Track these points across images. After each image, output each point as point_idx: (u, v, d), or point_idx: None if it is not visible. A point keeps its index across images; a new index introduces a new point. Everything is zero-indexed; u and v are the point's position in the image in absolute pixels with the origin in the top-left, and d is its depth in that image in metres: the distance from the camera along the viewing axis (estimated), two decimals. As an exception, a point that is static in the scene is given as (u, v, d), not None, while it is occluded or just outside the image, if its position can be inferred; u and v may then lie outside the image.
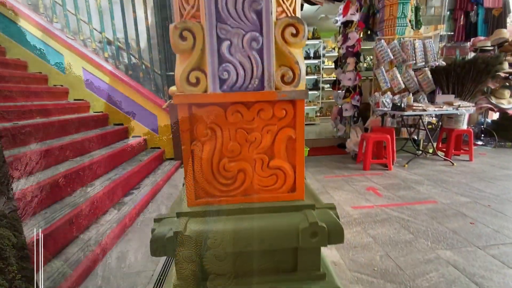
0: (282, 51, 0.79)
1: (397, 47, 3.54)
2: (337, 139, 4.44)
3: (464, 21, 4.30)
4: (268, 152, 0.86)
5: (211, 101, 0.80)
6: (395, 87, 3.63)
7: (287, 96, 0.81)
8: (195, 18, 0.79)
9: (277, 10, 0.80)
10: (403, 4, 3.51)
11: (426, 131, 3.53)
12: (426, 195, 2.54)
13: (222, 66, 0.77)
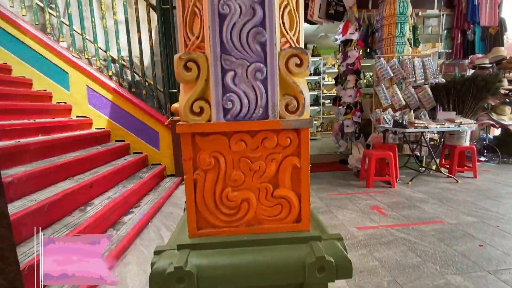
0: (286, 80, 0.79)
1: (396, 65, 3.60)
2: (339, 155, 4.42)
3: (461, 39, 4.39)
4: (273, 181, 0.84)
5: (214, 130, 0.79)
6: (396, 103, 3.65)
7: (291, 125, 0.80)
8: (200, 49, 0.80)
9: (281, 41, 0.81)
10: (401, 24, 3.59)
11: (428, 148, 3.51)
12: (432, 214, 2.48)
13: (226, 96, 0.77)
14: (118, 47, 3.51)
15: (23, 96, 2.99)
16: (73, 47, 3.44)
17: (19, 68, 3.28)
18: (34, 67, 3.30)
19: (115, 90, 3.39)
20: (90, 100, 3.41)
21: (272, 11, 0.76)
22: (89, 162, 2.63)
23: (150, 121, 3.48)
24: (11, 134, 2.35)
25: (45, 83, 3.33)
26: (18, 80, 3.20)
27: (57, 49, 3.30)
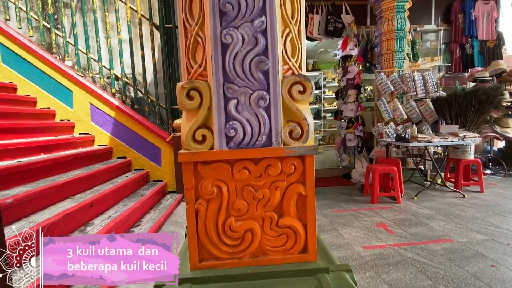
0: (289, 107, 0.78)
1: (397, 79, 3.62)
2: (342, 169, 4.37)
3: (460, 53, 4.44)
4: (277, 209, 0.81)
5: (217, 158, 0.77)
6: (398, 117, 3.64)
7: (295, 152, 0.78)
8: (202, 77, 0.80)
9: (284, 68, 0.80)
10: (399, 39, 3.65)
11: (432, 162, 3.47)
12: (440, 232, 2.41)
13: (229, 124, 0.76)
14: (122, 65, 3.57)
15: (27, 114, 3.02)
16: (78, 66, 3.50)
17: (25, 86, 3.33)
18: (39, 85, 3.35)
19: (118, 107, 3.42)
20: (93, 117, 3.43)
21: (275, 40, 0.76)
22: (90, 180, 2.61)
23: (152, 138, 3.49)
24: (14, 153, 2.35)
25: (49, 101, 3.36)
26: (23, 98, 3.24)
27: (62, 68, 3.36)
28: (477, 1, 4.29)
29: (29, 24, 3.46)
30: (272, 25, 0.75)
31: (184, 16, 0.81)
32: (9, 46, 3.29)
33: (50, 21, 3.53)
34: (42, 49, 3.41)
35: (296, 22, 0.82)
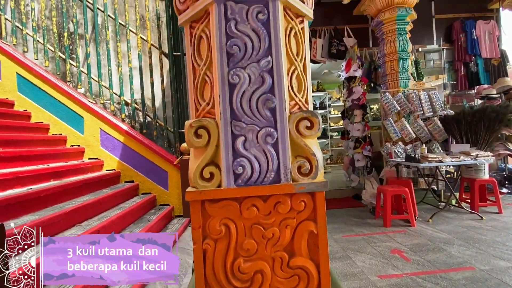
0: (297, 143, 0.78)
1: (402, 99, 3.62)
2: (352, 190, 4.27)
3: (464, 71, 4.44)
4: (288, 249, 0.78)
5: (225, 196, 0.76)
6: (406, 137, 3.60)
7: (305, 188, 0.76)
8: (210, 114, 0.81)
9: (290, 104, 0.81)
10: (403, 60, 3.69)
11: (445, 182, 3.36)
12: (460, 259, 2.28)
13: (236, 161, 0.76)
14: (132, 91, 3.69)
15: (39, 141, 3.10)
16: (90, 93, 3.64)
17: (38, 114, 3.45)
18: (52, 112, 3.47)
19: (127, 132, 3.49)
20: (102, 143, 3.50)
21: (281, 78, 0.77)
22: (97, 206, 2.60)
23: (159, 161, 3.51)
24: (25, 180, 2.38)
25: (61, 127, 3.46)
26: (36, 125, 3.35)
27: (75, 95, 3.49)
28: (478, 21, 4.36)
29: (45, 55, 3.66)
30: (278, 64, 0.77)
31: (193, 56, 0.84)
32: (25, 76, 3.46)
33: (65, 52, 3.73)
34: (57, 78, 3.57)
35: (302, 59, 0.84)
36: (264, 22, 0.76)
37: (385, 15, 3.68)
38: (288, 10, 0.81)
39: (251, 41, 0.75)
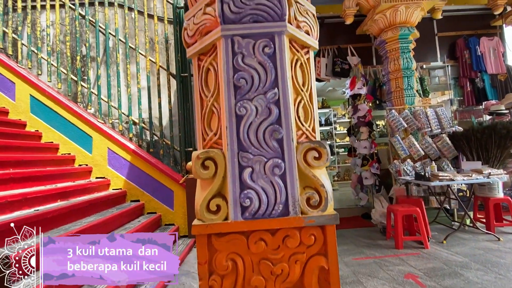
0: (305, 174, 0.76)
1: (409, 115, 3.59)
2: (360, 209, 4.16)
3: (471, 87, 4.42)
4: (298, 286, 0.75)
5: (232, 229, 0.74)
6: (414, 154, 3.53)
7: (315, 221, 0.74)
8: (217, 145, 0.81)
9: (297, 134, 0.81)
10: (407, 78, 3.70)
11: (458, 201, 3.25)
12: (478, 285, 2.15)
13: (244, 193, 0.74)
14: (140, 111, 3.76)
15: (49, 161, 3.15)
16: (99, 113, 3.73)
17: (49, 134, 3.53)
18: (62, 132, 3.54)
19: (134, 151, 3.53)
20: (109, 162, 3.53)
21: (288, 109, 0.77)
22: (103, 227, 2.58)
23: (165, 180, 3.51)
24: (32, 202, 2.40)
25: (70, 147, 3.53)
26: (46, 145, 3.42)
27: (85, 116, 3.57)
28: (481, 38, 4.39)
29: (58, 77, 3.80)
30: (285, 96, 0.77)
31: (200, 87, 0.85)
32: (38, 98, 3.58)
33: (77, 74, 3.87)
34: (68, 99, 3.68)
35: (308, 88, 0.84)
36: (271, 55, 0.77)
37: (387, 34, 3.74)
38: (294, 42, 0.82)
39: (258, 74, 0.76)
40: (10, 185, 2.54)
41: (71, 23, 4.08)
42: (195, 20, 0.81)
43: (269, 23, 0.76)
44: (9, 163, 2.75)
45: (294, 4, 0.79)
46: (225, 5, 0.74)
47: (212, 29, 0.78)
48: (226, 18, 0.75)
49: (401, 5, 3.53)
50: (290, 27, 0.77)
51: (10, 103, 3.60)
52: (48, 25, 3.90)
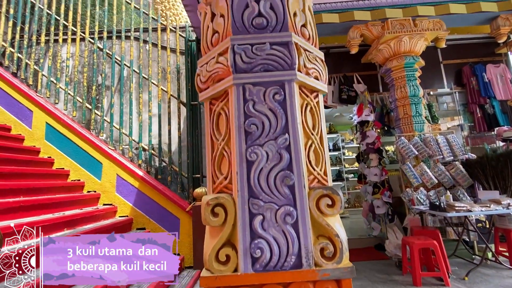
0: (318, 222, 0.74)
1: (419, 143, 3.53)
2: (373, 239, 3.98)
3: (481, 113, 4.36)
4: None
5: (242, 283, 0.71)
6: (427, 182, 3.42)
7: (330, 275, 0.70)
8: (227, 189, 0.80)
9: (309, 178, 0.79)
10: (415, 105, 3.70)
11: (477, 233, 3.07)
12: (509, 332, 1.95)
13: (254, 243, 0.72)
14: (150, 138, 3.84)
15: (59, 188, 3.18)
16: (111, 139, 3.81)
17: (61, 160, 3.61)
18: (73, 159, 3.62)
19: (142, 177, 3.54)
20: (118, 188, 3.54)
21: (299, 154, 0.77)
22: (107, 259, 2.52)
23: (172, 208, 3.47)
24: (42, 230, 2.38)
25: (80, 173, 3.57)
26: (57, 172, 3.48)
27: (96, 142, 3.66)
28: (487, 65, 4.42)
29: (74, 106, 3.96)
30: (295, 141, 0.77)
31: (211, 131, 0.86)
32: (53, 125, 3.71)
33: (92, 102, 4.03)
34: (81, 127, 3.80)
35: (318, 131, 0.84)
36: (281, 102, 0.78)
37: (393, 63, 3.81)
38: (303, 88, 0.84)
39: (269, 120, 0.77)
40: (19, 213, 2.55)
41: (90, 55, 4.33)
42: (208, 67, 0.84)
43: (279, 72, 0.78)
44: (20, 191, 2.79)
45: (303, 53, 0.81)
46: (237, 55, 0.77)
47: (224, 77, 0.81)
48: (238, 67, 0.77)
49: (405, 36, 3.63)
50: (300, 75, 0.79)
51: (27, 130, 3.73)
52: (68, 58, 4.15)
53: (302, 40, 0.83)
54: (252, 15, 0.80)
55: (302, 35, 0.85)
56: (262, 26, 0.80)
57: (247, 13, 0.80)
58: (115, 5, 4.19)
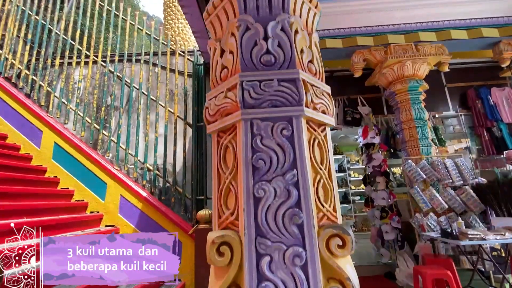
0: (328, 264, 0.70)
1: (427, 166, 3.47)
2: (383, 267, 3.80)
3: (488, 136, 4.31)
4: None
5: (248, 330, 0.67)
6: (437, 207, 3.32)
7: (341, 323, 0.66)
8: (234, 226, 0.78)
9: (318, 216, 0.77)
10: (421, 127, 3.68)
11: (493, 262, 2.92)
12: None
13: (261, 286, 0.69)
14: (155, 159, 3.85)
15: (62, 209, 3.17)
16: (116, 159, 3.84)
17: (66, 180, 3.62)
18: (78, 179, 3.63)
19: (146, 198, 3.52)
20: (121, 209, 3.51)
21: (307, 191, 0.75)
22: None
23: (175, 230, 3.40)
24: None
25: (84, 193, 3.57)
26: (62, 192, 3.48)
27: (102, 162, 3.68)
28: (492, 88, 4.43)
29: (82, 126, 4.04)
30: (304, 177, 0.76)
31: (218, 163, 0.86)
32: (61, 145, 3.77)
33: (100, 123, 4.11)
34: (88, 147, 3.85)
35: (326, 166, 0.83)
36: (289, 137, 0.78)
37: (396, 87, 3.85)
38: (311, 122, 0.84)
39: (276, 155, 0.77)
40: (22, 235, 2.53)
41: (101, 77, 4.49)
42: (217, 101, 0.86)
43: (287, 107, 0.78)
44: (24, 211, 2.78)
45: (311, 89, 0.82)
46: (245, 92, 0.78)
47: (232, 112, 0.82)
48: (246, 103, 0.78)
49: (408, 60, 3.69)
50: (307, 110, 0.80)
51: (35, 150, 3.80)
52: (80, 80, 4.30)
53: (309, 76, 0.84)
54: (260, 53, 0.82)
55: (309, 70, 0.87)
56: (270, 63, 0.81)
57: (256, 51, 0.83)
58: (128, 30, 4.40)
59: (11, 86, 4.13)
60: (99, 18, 4.62)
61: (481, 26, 3.66)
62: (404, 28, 3.71)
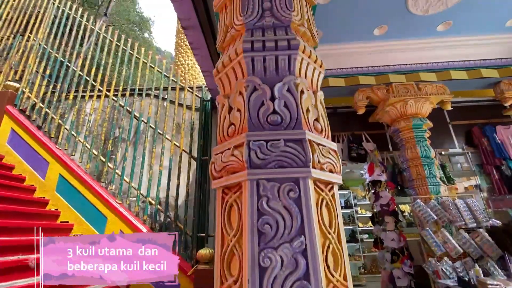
0: None
1: (437, 206, 3.35)
2: (396, 317, 3.48)
3: (498, 175, 4.21)
4: None
5: None
6: (452, 251, 3.13)
7: None
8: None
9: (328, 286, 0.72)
10: (428, 165, 3.63)
11: (519, 317, 2.65)
12: None
13: None
14: (158, 193, 3.81)
15: (59, 245, 3.07)
16: (119, 191, 3.80)
17: (67, 213, 3.57)
18: (79, 212, 3.57)
19: (146, 235, 3.41)
20: (119, 246, 3.39)
21: (316, 260, 0.71)
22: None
23: (173, 271, 3.23)
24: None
25: (84, 227, 3.48)
26: (62, 226, 3.41)
27: (104, 196, 3.64)
28: (497, 126, 4.43)
29: (89, 158, 4.08)
30: (312, 244, 0.72)
31: (223, 222, 0.83)
32: (66, 177, 3.77)
33: (106, 155, 4.15)
34: (92, 179, 3.84)
35: (335, 229, 0.80)
36: (296, 199, 0.76)
37: (400, 124, 3.87)
38: (318, 182, 0.82)
39: (283, 219, 0.74)
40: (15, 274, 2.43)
41: (111, 110, 4.64)
42: (223, 158, 0.86)
43: (294, 168, 0.78)
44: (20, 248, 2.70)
45: (317, 148, 0.82)
46: (252, 152, 0.78)
47: (238, 170, 0.81)
48: (253, 163, 0.78)
49: (410, 99, 3.76)
50: (315, 171, 0.79)
51: (39, 181, 3.80)
52: (91, 113, 4.45)
53: (315, 135, 0.85)
54: (267, 113, 0.84)
55: (315, 129, 0.88)
56: (277, 122, 0.83)
57: (263, 110, 0.84)
58: (140, 66, 4.64)
59: (24, 119, 4.28)
60: (114, 53, 4.91)
61: (481, 67, 3.77)
62: (405, 68, 3.84)
